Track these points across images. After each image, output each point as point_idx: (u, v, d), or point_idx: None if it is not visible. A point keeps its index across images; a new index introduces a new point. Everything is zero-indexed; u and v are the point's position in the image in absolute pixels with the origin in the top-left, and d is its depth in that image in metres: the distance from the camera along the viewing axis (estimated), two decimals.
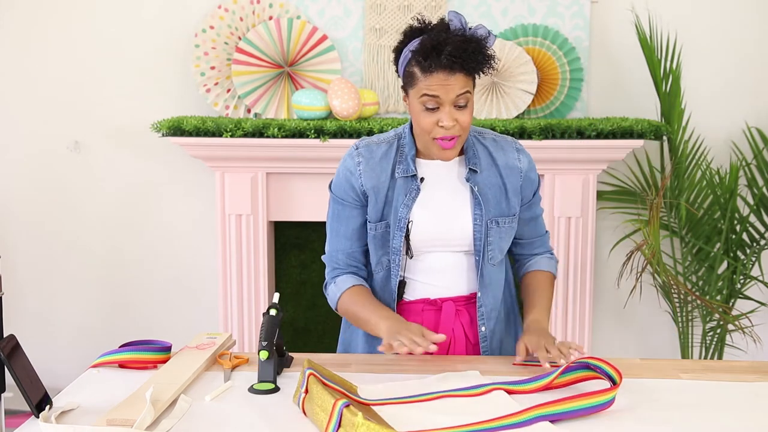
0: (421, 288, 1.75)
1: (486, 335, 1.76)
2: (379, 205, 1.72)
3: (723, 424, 1.35)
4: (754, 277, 3.05)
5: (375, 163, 1.73)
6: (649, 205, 2.93)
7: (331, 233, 1.79)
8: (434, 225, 1.71)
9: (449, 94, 1.59)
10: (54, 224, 3.31)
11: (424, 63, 1.59)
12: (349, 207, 1.75)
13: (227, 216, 3.02)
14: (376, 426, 1.20)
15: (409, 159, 1.71)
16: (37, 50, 3.21)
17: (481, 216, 1.71)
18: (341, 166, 1.76)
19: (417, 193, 1.71)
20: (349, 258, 1.77)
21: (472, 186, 1.71)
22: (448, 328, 1.74)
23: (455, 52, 1.56)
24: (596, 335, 3.29)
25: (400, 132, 1.76)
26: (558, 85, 3.10)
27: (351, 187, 1.73)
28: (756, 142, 3.09)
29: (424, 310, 1.75)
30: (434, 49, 1.58)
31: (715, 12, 3.16)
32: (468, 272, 1.75)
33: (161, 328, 3.23)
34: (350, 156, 1.75)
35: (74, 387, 1.52)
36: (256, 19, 3.11)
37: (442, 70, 1.58)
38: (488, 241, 1.72)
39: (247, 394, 1.48)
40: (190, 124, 2.83)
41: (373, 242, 1.74)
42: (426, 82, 1.60)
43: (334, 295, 1.77)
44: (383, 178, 1.72)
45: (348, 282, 1.75)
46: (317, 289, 3.29)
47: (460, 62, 1.57)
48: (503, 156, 1.75)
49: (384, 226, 1.73)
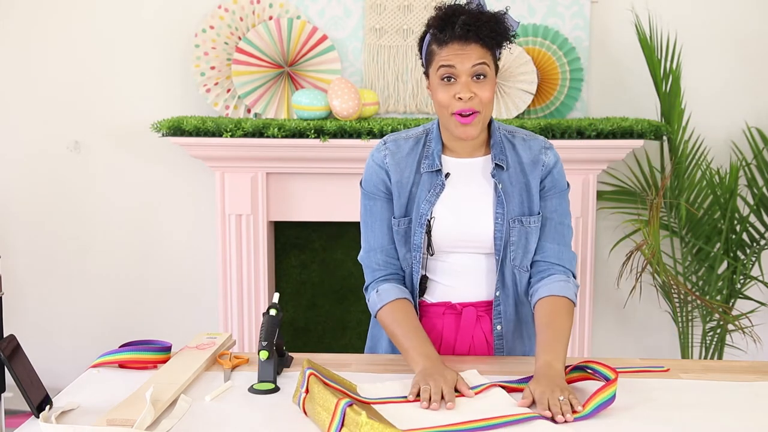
0: (441, 290, 1.73)
1: (501, 334, 1.73)
2: (403, 200, 1.71)
3: (723, 424, 1.35)
4: (754, 277, 3.05)
5: (401, 158, 1.72)
6: (649, 205, 2.93)
7: (366, 230, 1.75)
8: (456, 223, 1.68)
9: (465, 64, 1.59)
10: (54, 224, 3.31)
11: (440, 35, 1.60)
12: (381, 201, 1.73)
13: (227, 216, 3.02)
14: (379, 425, 1.20)
15: (435, 154, 1.70)
16: (37, 50, 3.21)
17: (503, 215, 1.67)
18: (369, 161, 1.75)
19: (441, 189, 1.69)
20: (387, 255, 1.73)
21: (496, 183, 1.68)
22: (468, 334, 1.72)
23: (469, 20, 1.57)
24: (596, 335, 3.29)
25: (428, 127, 1.75)
26: (558, 85, 3.10)
27: (381, 181, 1.72)
28: (756, 142, 3.09)
29: (445, 314, 1.73)
30: (449, 20, 1.59)
31: (715, 12, 3.16)
32: (490, 276, 1.71)
33: (161, 328, 3.23)
34: (378, 150, 1.75)
35: (74, 387, 1.52)
36: (256, 19, 3.11)
37: (457, 40, 1.58)
38: (510, 241, 1.68)
39: (247, 394, 1.48)
40: (190, 124, 2.83)
41: (396, 239, 1.72)
42: (442, 54, 1.60)
43: (374, 305, 1.71)
44: (407, 173, 1.71)
45: (391, 294, 1.69)
46: (317, 289, 3.29)
47: (474, 30, 1.57)
48: (529, 153, 1.72)
49: (407, 222, 1.71)
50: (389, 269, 1.73)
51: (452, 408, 1.38)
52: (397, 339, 1.63)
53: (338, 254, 3.26)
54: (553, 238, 1.72)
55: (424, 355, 1.54)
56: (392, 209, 1.72)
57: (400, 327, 1.63)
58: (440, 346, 1.74)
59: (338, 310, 3.30)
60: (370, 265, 1.74)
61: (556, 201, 1.73)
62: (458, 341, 1.73)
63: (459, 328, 1.72)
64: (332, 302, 3.30)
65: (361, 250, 1.77)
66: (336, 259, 3.26)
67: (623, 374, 1.53)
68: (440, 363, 1.52)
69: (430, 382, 1.43)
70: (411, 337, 1.60)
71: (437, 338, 1.74)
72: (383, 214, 1.73)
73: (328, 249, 3.27)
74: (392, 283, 1.71)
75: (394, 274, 1.73)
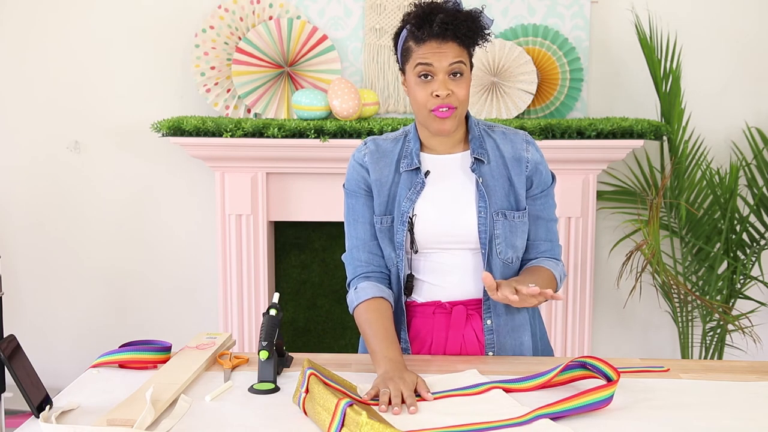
0: (429, 289, 1.73)
1: (491, 328, 1.73)
2: (383, 198, 1.72)
3: (723, 424, 1.35)
4: (754, 277, 3.05)
5: (380, 157, 1.74)
6: (649, 205, 2.93)
7: (349, 229, 1.77)
8: (439, 219, 1.69)
9: (442, 62, 1.61)
10: (54, 224, 3.31)
11: (418, 33, 1.62)
12: (362, 198, 1.75)
13: (227, 216, 3.02)
14: (379, 425, 1.20)
15: (414, 153, 1.72)
16: (36, 51, 3.21)
17: (485, 208, 1.68)
18: (351, 161, 1.78)
19: (422, 187, 1.70)
20: (369, 253, 1.74)
21: (477, 177, 1.70)
22: (458, 333, 1.73)
23: (447, 19, 1.60)
24: (596, 335, 3.29)
25: (407, 129, 1.78)
26: (558, 85, 3.10)
27: (361, 179, 1.74)
28: (756, 142, 3.09)
29: (435, 314, 1.73)
30: (426, 18, 1.61)
31: (715, 12, 3.16)
32: (477, 273, 1.72)
33: (161, 328, 3.24)
34: (358, 150, 1.78)
35: (74, 387, 1.52)
36: (256, 19, 3.11)
37: (434, 38, 1.61)
38: (495, 234, 1.69)
39: (247, 394, 1.48)
40: (190, 124, 2.83)
41: (379, 237, 1.73)
42: (419, 51, 1.62)
43: (351, 302, 1.72)
44: (386, 173, 1.73)
45: (368, 292, 1.69)
46: (317, 289, 3.29)
47: (452, 29, 1.60)
48: (511, 148, 1.73)
49: (389, 221, 1.72)
50: (371, 267, 1.74)
51: (415, 412, 1.38)
52: (366, 339, 1.64)
53: (338, 254, 3.26)
54: (545, 236, 1.77)
55: (387, 359, 1.54)
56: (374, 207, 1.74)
57: (371, 327, 1.64)
58: (431, 345, 1.74)
59: (338, 310, 3.30)
60: (352, 262, 1.76)
61: (544, 199, 1.76)
62: (449, 340, 1.73)
63: (450, 327, 1.73)
64: (332, 302, 3.30)
65: (346, 249, 1.79)
66: (336, 259, 3.26)
67: (623, 374, 1.53)
68: (402, 366, 1.52)
69: (390, 385, 1.43)
70: (379, 339, 1.60)
71: (427, 338, 1.74)
72: (365, 212, 1.75)
73: (328, 249, 3.27)
74: (371, 282, 1.72)
75: (377, 272, 1.74)
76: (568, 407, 1.36)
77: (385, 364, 1.53)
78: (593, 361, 1.49)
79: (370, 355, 1.61)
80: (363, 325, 1.66)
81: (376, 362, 1.57)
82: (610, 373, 1.45)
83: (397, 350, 1.58)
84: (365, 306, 1.68)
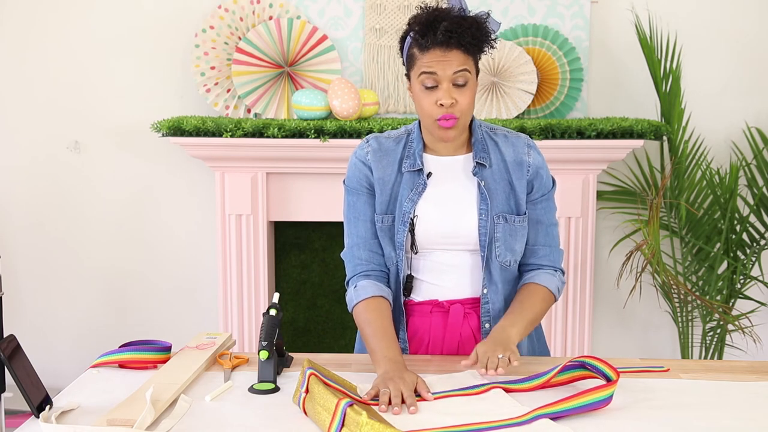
0: (427, 288, 1.74)
1: (489, 331, 1.72)
2: (385, 197, 1.72)
3: (723, 424, 1.35)
4: (754, 277, 3.05)
5: (383, 155, 1.73)
6: (649, 205, 2.93)
7: (349, 226, 1.76)
8: (440, 221, 1.69)
9: (446, 71, 1.60)
10: (54, 224, 3.31)
11: (422, 41, 1.61)
12: (363, 196, 1.74)
13: (227, 216, 3.02)
14: (379, 425, 1.20)
15: (417, 154, 1.72)
16: (36, 51, 3.21)
17: (486, 211, 1.68)
18: (352, 158, 1.77)
19: (423, 188, 1.70)
20: (370, 251, 1.73)
21: (478, 180, 1.69)
22: (455, 332, 1.73)
23: (451, 27, 1.58)
24: (596, 335, 3.29)
25: (410, 128, 1.77)
26: (558, 85, 3.10)
27: (364, 176, 1.73)
28: (756, 142, 3.09)
29: (433, 312, 1.73)
30: (431, 25, 1.59)
31: (715, 12, 3.16)
32: (475, 273, 1.72)
33: (161, 327, 3.24)
34: (360, 147, 1.77)
35: (74, 387, 1.52)
36: (256, 19, 3.11)
37: (439, 46, 1.59)
38: (495, 237, 1.69)
39: (247, 394, 1.48)
40: (190, 124, 2.83)
41: (380, 235, 1.73)
42: (424, 59, 1.61)
43: (351, 301, 1.71)
44: (389, 172, 1.72)
45: (368, 291, 1.68)
46: (317, 289, 3.29)
47: (456, 37, 1.58)
48: (512, 152, 1.73)
49: (390, 220, 1.72)
50: (371, 265, 1.73)
51: (415, 412, 1.38)
52: (365, 339, 1.64)
53: (338, 254, 3.24)
54: (545, 241, 1.76)
55: (386, 358, 1.54)
56: (375, 205, 1.73)
57: (370, 326, 1.63)
58: (428, 344, 1.75)
59: (338, 310, 3.30)
60: (352, 260, 1.75)
61: (545, 203, 1.76)
62: (446, 339, 1.73)
63: (447, 325, 1.73)
64: (332, 302, 3.30)
65: (345, 246, 1.78)
66: (336, 259, 3.25)
67: (623, 374, 1.53)
68: (402, 366, 1.52)
69: (390, 385, 1.43)
70: (378, 338, 1.60)
71: (425, 337, 1.75)
72: (366, 210, 1.74)
73: (328, 249, 3.27)
74: (371, 280, 1.71)
75: (376, 271, 1.73)
76: (568, 407, 1.36)
77: (385, 364, 1.53)
78: (593, 361, 1.49)
79: (370, 354, 1.61)
80: (362, 325, 1.66)
81: (375, 362, 1.57)
82: (610, 373, 1.45)
83: (396, 350, 1.58)
84: (365, 305, 1.67)
